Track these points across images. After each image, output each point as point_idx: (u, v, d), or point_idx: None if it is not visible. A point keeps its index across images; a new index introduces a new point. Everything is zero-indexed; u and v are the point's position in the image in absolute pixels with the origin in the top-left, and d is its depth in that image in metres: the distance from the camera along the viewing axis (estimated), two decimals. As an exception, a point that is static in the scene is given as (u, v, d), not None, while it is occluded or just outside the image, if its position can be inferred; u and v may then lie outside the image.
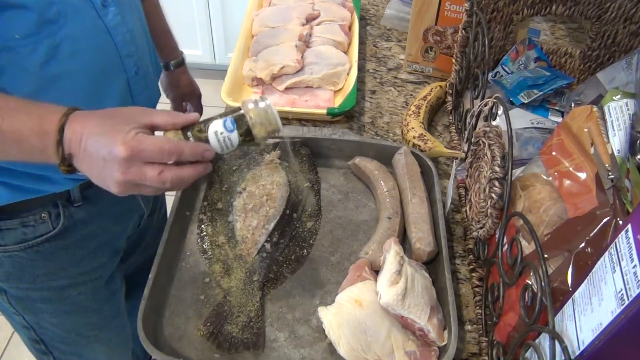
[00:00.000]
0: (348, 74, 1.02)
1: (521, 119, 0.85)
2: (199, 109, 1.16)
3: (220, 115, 0.59)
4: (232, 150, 0.59)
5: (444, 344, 0.63)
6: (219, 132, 0.57)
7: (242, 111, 0.59)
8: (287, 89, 1.01)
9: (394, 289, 0.63)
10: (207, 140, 0.57)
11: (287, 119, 0.96)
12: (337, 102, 0.98)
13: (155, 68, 0.91)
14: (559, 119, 0.86)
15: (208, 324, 0.66)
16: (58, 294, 0.84)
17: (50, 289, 0.83)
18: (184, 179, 0.56)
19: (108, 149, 0.53)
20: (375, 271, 0.72)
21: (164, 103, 1.04)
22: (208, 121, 0.58)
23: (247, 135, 0.59)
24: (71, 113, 0.57)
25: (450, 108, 0.98)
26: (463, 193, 0.82)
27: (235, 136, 0.58)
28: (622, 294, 0.40)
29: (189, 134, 0.58)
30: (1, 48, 0.63)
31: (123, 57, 0.76)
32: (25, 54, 0.64)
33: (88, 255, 0.84)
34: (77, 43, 0.68)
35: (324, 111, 0.94)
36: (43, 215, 0.77)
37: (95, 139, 0.55)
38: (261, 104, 0.59)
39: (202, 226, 0.77)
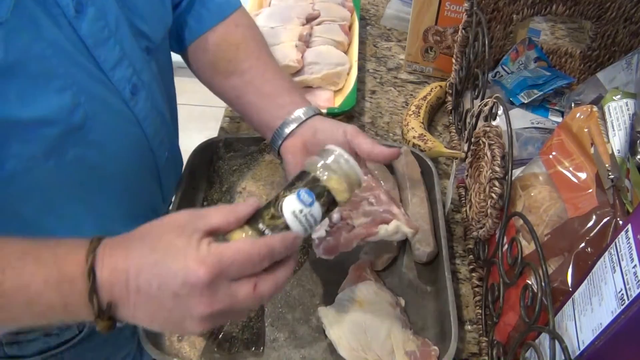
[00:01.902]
0: (348, 74, 1.02)
1: (521, 119, 0.85)
2: None
3: (285, 190, 0.48)
4: (314, 229, 0.48)
5: (414, 231, 0.62)
6: (297, 210, 0.46)
7: (311, 175, 0.48)
8: (287, 89, 1.01)
9: None
10: (286, 226, 0.46)
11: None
12: (337, 102, 0.98)
13: (177, 134, 0.79)
14: (559, 119, 0.86)
15: (208, 324, 0.66)
16: None
17: None
18: (280, 286, 0.45)
19: (180, 278, 0.40)
20: (376, 271, 0.72)
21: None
22: (275, 203, 0.47)
23: (329, 204, 0.48)
24: (97, 246, 0.43)
25: (450, 108, 0.98)
26: (463, 193, 0.82)
27: (317, 209, 0.47)
28: (622, 294, 0.40)
29: (260, 226, 0.46)
30: (19, 171, 0.51)
31: (155, 147, 0.65)
32: (49, 171, 0.53)
33: (116, 349, 0.77)
34: (107, 145, 0.58)
35: (324, 111, 0.93)
36: None
37: (154, 272, 0.41)
38: (331, 157, 0.48)
39: (202, 226, 0.77)
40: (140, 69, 0.61)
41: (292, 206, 0.46)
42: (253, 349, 0.64)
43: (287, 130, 0.66)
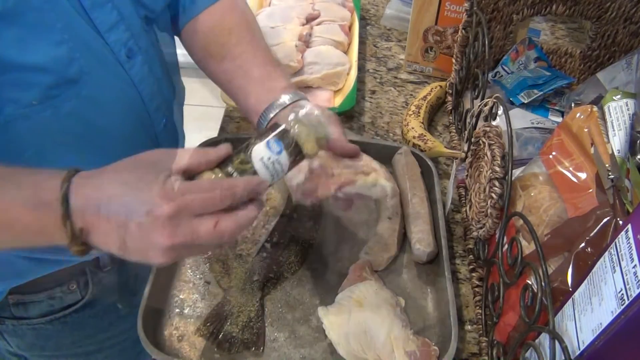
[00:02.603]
0: (348, 73, 1.02)
1: (521, 119, 0.85)
2: None
3: (255, 139, 0.50)
4: (280, 178, 0.51)
5: (393, 186, 0.62)
6: (265, 157, 0.48)
7: (281, 126, 0.50)
8: (287, 89, 1.01)
9: None
10: (253, 172, 0.48)
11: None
12: (337, 102, 0.98)
13: (180, 108, 0.81)
14: (559, 119, 0.86)
15: (208, 324, 0.66)
16: (84, 358, 0.80)
17: (76, 355, 0.79)
18: (242, 226, 0.46)
19: (144, 208, 0.43)
20: (376, 271, 0.72)
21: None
22: (245, 149, 0.49)
23: (296, 155, 0.50)
24: (73, 175, 0.46)
25: (450, 108, 0.98)
26: (463, 193, 0.82)
27: (284, 158, 0.49)
28: (622, 294, 0.40)
29: (229, 169, 0.48)
30: (16, 117, 0.53)
31: (151, 111, 0.67)
32: (45, 121, 0.55)
33: (118, 319, 0.79)
34: (103, 103, 0.60)
35: (324, 111, 0.93)
36: (71, 285, 0.71)
37: (122, 201, 0.44)
38: (302, 112, 0.51)
39: (202, 226, 0.77)
40: (138, 35, 0.63)
41: (261, 153, 0.49)
42: (253, 349, 0.64)
43: (272, 115, 0.66)
